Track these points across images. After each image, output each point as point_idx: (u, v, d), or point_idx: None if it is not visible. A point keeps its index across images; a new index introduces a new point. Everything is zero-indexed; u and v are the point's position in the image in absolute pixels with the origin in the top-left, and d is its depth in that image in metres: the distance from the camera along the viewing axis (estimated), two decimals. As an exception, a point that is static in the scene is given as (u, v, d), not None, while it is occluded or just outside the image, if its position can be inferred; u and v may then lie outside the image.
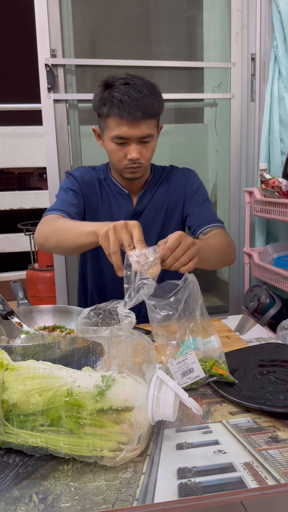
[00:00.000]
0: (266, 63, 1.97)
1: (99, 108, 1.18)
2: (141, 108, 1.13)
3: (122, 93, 1.13)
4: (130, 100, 1.12)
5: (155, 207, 1.36)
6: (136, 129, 1.16)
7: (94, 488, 0.57)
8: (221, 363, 0.84)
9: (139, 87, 1.15)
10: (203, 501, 0.55)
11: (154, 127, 1.21)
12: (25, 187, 7.85)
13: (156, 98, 1.18)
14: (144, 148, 1.20)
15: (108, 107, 1.15)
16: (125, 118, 1.13)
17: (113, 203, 1.33)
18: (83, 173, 1.35)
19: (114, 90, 1.15)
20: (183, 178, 1.38)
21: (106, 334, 0.75)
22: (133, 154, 1.18)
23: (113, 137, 1.18)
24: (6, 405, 0.62)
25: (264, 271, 1.83)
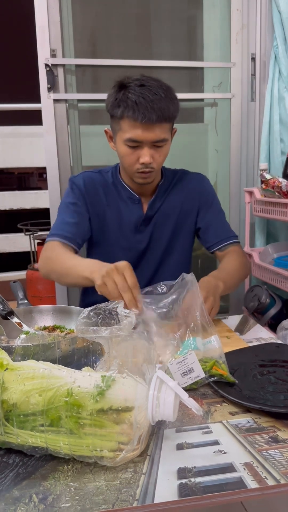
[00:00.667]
0: (266, 63, 1.97)
1: (113, 109, 1.15)
2: (156, 111, 1.10)
3: (138, 95, 1.10)
4: (145, 102, 1.09)
5: (166, 212, 1.33)
6: (150, 132, 1.12)
7: (94, 488, 0.57)
8: (221, 363, 0.84)
9: (155, 89, 1.12)
10: (203, 501, 0.55)
11: (168, 131, 1.18)
12: (25, 187, 7.84)
13: (172, 101, 1.15)
14: (157, 152, 1.17)
15: (122, 109, 1.12)
16: (140, 120, 1.10)
17: (123, 208, 1.30)
18: (86, 179, 1.30)
19: (129, 91, 1.12)
20: (197, 185, 1.36)
21: (106, 334, 0.75)
22: (146, 158, 1.15)
23: (126, 140, 1.15)
24: (6, 405, 0.62)
25: (264, 271, 1.83)
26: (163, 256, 1.35)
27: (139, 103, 1.09)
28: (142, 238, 1.32)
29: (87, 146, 1.96)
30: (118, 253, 1.31)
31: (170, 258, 1.36)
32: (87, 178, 1.31)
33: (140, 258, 1.34)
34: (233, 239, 1.35)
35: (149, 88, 1.11)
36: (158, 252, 1.34)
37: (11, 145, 6.18)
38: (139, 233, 1.32)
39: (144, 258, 1.34)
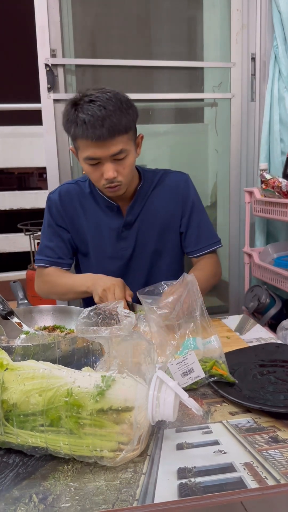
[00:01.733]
0: (266, 63, 1.97)
1: (67, 129, 1.14)
2: (106, 127, 1.06)
3: (86, 113, 1.07)
4: (93, 120, 1.06)
5: (149, 216, 1.30)
6: (105, 148, 1.09)
7: (94, 488, 0.57)
8: (221, 363, 0.84)
9: (104, 102, 1.07)
10: (203, 501, 0.55)
11: (127, 141, 1.13)
12: (25, 187, 7.84)
13: (124, 112, 1.10)
14: (120, 165, 1.14)
15: (74, 129, 1.10)
16: (91, 139, 1.07)
17: (102, 217, 1.29)
18: (62, 193, 1.30)
19: (78, 110, 1.09)
20: (179, 186, 1.32)
21: (106, 334, 0.75)
22: (109, 173, 1.12)
23: (85, 158, 1.13)
24: (6, 405, 0.62)
25: (264, 271, 1.83)
26: (153, 261, 1.34)
27: (88, 122, 1.06)
28: (127, 245, 1.31)
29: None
30: (105, 262, 1.32)
31: (160, 262, 1.34)
32: (64, 191, 1.31)
33: (129, 265, 1.33)
34: (213, 247, 1.34)
35: (98, 103, 1.07)
36: (146, 257, 1.33)
37: (11, 145, 6.17)
38: (123, 240, 1.30)
39: (133, 265, 1.33)
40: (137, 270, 1.33)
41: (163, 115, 2.08)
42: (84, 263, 1.37)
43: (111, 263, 1.31)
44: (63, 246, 1.31)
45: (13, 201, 6.36)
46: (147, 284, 1.32)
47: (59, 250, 1.31)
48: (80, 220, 1.30)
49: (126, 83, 1.99)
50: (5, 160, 6.32)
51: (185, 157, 2.14)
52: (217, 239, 1.36)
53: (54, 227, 1.30)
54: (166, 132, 2.07)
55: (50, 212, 1.31)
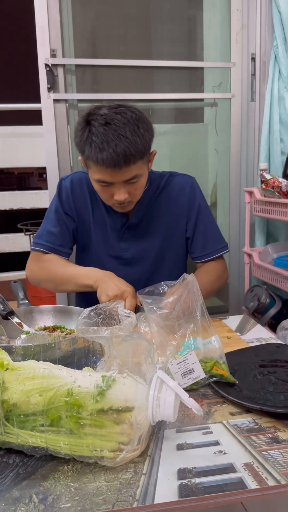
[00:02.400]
0: (266, 63, 1.97)
1: (79, 148, 1.09)
2: (122, 155, 1.01)
3: (101, 138, 1.01)
4: (108, 146, 1.01)
5: (153, 219, 1.28)
6: (119, 175, 1.06)
7: (94, 489, 0.57)
8: (222, 363, 0.83)
9: (120, 128, 1.02)
10: (203, 501, 0.55)
11: (142, 165, 1.10)
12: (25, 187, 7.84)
13: (141, 137, 1.05)
14: (133, 187, 1.11)
15: (88, 152, 1.05)
16: (105, 167, 1.03)
17: (106, 215, 1.27)
18: (74, 182, 1.27)
19: (92, 132, 1.03)
20: (184, 190, 1.30)
21: (106, 334, 0.75)
22: (120, 196, 1.09)
23: (96, 180, 1.10)
24: (6, 405, 0.62)
25: (264, 271, 1.83)
26: (155, 265, 1.32)
27: (103, 148, 1.01)
28: (128, 246, 1.29)
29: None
30: (105, 261, 1.30)
31: (163, 265, 1.32)
32: (76, 179, 1.28)
33: (130, 267, 1.30)
34: (219, 252, 1.31)
35: (114, 128, 1.02)
36: (148, 260, 1.31)
37: (11, 145, 6.17)
38: (124, 241, 1.28)
39: (134, 267, 1.30)
40: (138, 272, 1.31)
41: (163, 115, 2.08)
42: (83, 256, 1.34)
43: (111, 263, 1.30)
44: (67, 234, 1.27)
45: (13, 201, 6.36)
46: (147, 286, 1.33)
47: (62, 237, 1.26)
48: (87, 211, 1.27)
49: (126, 83, 1.98)
50: (5, 160, 6.32)
51: (185, 157, 2.13)
52: (224, 244, 1.33)
53: (61, 214, 1.26)
54: (166, 132, 2.07)
55: (60, 198, 1.27)
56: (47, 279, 1.24)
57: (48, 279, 1.24)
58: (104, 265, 1.28)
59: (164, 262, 1.33)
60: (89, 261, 1.31)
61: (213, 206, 2.22)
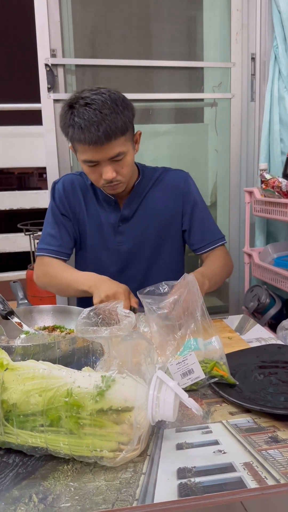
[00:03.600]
0: (266, 63, 1.97)
1: (64, 132, 1.15)
2: (102, 131, 1.07)
3: (82, 118, 1.08)
4: (89, 124, 1.06)
5: (148, 213, 1.31)
6: (103, 152, 1.10)
7: (94, 488, 0.57)
8: (222, 364, 0.83)
9: (99, 106, 1.08)
10: (203, 501, 0.55)
11: (125, 142, 1.14)
12: (25, 187, 7.84)
13: (120, 114, 1.10)
14: (119, 165, 1.15)
15: (71, 133, 1.11)
16: (88, 144, 1.09)
17: (100, 210, 1.30)
18: (65, 182, 1.31)
19: (74, 114, 1.10)
20: (179, 184, 1.33)
21: (106, 334, 0.75)
22: (108, 174, 1.13)
23: (83, 161, 1.15)
24: (6, 405, 0.62)
25: (264, 271, 1.83)
26: (152, 258, 1.34)
27: (84, 127, 1.07)
28: (123, 239, 1.31)
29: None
30: (102, 256, 1.32)
31: (160, 259, 1.34)
32: (67, 181, 1.32)
33: (127, 261, 1.33)
34: (219, 242, 1.34)
35: (93, 107, 1.08)
36: (145, 253, 1.33)
37: (11, 145, 6.17)
38: (119, 234, 1.31)
39: (132, 261, 1.33)
40: (135, 266, 1.33)
41: (163, 115, 2.08)
42: (80, 254, 1.37)
43: (107, 257, 1.32)
44: (65, 235, 1.30)
45: (13, 201, 6.36)
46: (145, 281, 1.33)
47: (60, 238, 1.29)
48: (81, 211, 1.31)
49: (126, 83, 1.98)
50: (5, 160, 6.32)
51: (185, 157, 2.13)
52: (222, 235, 1.37)
53: (58, 216, 1.30)
54: (166, 132, 2.07)
55: (55, 200, 1.31)
56: (50, 285, 1.28)
57: (50, 285, 1.28)
58: (101, 261, 1.30)
59: (161, 256, 1.35)
60: (86, 258, 1.34)
61: (213, 206, 2.22)
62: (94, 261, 1.32)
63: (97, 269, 1.20)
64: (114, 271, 1.30)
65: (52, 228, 1.30)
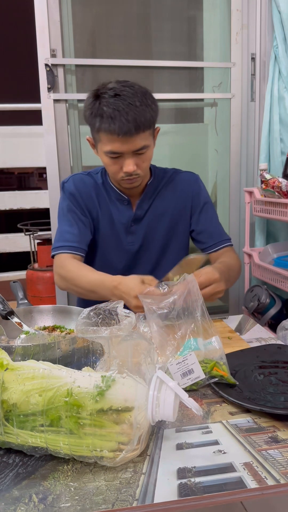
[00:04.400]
0: (266, 63, 1.97)
1: (90, 121, 1.14)
2: (132, 122, 1.07)
3: (112, 107, 1.07)
4: (120, 115, 1.07)
5: (158, 212, 1.32)
6: (129, 144, 1.11)
7: (94, 488, 0.57)
8: (222, 364, 0.83)
9: (130, 98, 1.08)
10: (203, 501, 0.55)
11: (149, 137, 1.15)
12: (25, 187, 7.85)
13: (148, 107, 1.11)
14: (140, 159, 1.16)
15: (99, 122, 1.10)
16: (117, 135, 1.08)
17: (113, 210, 1.30)
18: (77, 183, 1.30)
19: (103, 104, 1.09)
20: (190, 185, 1.35)
21: (106, 334, 0.75)
22: (129, 167, 1.14)
23: (106, 152, 1.14)
24: (6, 405, 0.62)
25: (264, 271, 1.83)
26: (159, 257, 1.35)
27: (114, 117, 1.07)
28: (134, 239, 1.32)
29: (87, 146, 1.95)
30: (112, 255, 1.32)
31: (165, 258, 1.35)
32: (78, 180, 1.30)
33: (135, 259, 1.34)
34: (226, 242, 1.35)
35: (124, 98, 1.08)
36: (153, 252, 1.34)
37: (11, 145, 6.18)
38: (131, 234, 1.32)
39: (139, 259, 1.34)
40: (142, 265, 1.34)
41: (163, 115, 2.08)
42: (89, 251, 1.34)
43: (118, 257, 1.32)
44: (84, 230, 1.27)
45: (13, 201, 6.37)
46: None
47: (79, 234, 1.27)
48: (95, 209, 1.30)
49: (126, 83, 1.99)
50: (5, 160, 6.33)
51: (185, 157, 2.14)
52: (228, 237, 1.38)
53: (74, 212, 1.27)
54: (166, 132, 2.07)
55: (69, 198, 1.29)
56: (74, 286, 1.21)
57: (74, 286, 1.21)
58: (110, 259, 1.31)
59: (167, 255, 1.36)
60: (94, 256, 1.33)
61: (213, 206, 2.22)
62: (102, 258, 1.31)
63: (105, 266, 1.20)
64: (120, 269, 1.30)
65: (69, 226, 1.27)
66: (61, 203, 1.31)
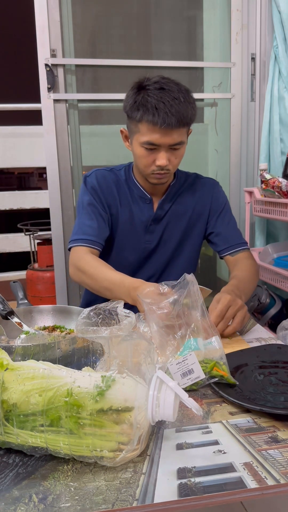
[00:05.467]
0: (266, 63, 1.97)
1: (132, 111, 1.15)
2: (175, 115, 1.10)
3: (157, 99, 1.10)
4: (164, 106, 1.09)
5: (177, 214, 1.33)
6: (168, 137, 1.13)
7: (94, 488, 0.57)
8: (222, 364, 0.83)
9: (175, 93, 1.11)
10: (203, 501, 0.55)
11: (185, 134, 1.18)
12: (25, 187, 7.86)
13: (190, 105, 1.14)
14: (173, 155, 1.18)
15: (142, 112, 1.12)
16: (159, 125, 1.10)
17: (134, 207, 1.30)
18: (99, 177, 1.30)
19: (148, 95, 1.11)
20: (210, 190, 1.36)
21: (106, 334, 0.75)
22: (163, 160, 1.15)
23: (143, 143, 1.15)
24: (6, 405, 0.62)
25: (264, 271, 1.83)
26: (172, 257, 1.36)
27: (159, 108, 1.09)
28: (152, 238, 1.33)
29: (87, 146, 1.96)
30: (127, 252, 1.32)
31: (178, 259, 1.37)
32: (100, 176, 1.31)
33: (148, 258, 1.35)
34: (243, 246, 1.35)
35: (169, 92, 1.11)
36: (167, 252, 1.35)
37: (11, 145, 6.18)
38: (149, 233, 1.32)
39: (152, 258, 1.35)
40: (154, 264, 1.35)
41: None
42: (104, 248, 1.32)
43: (131, 254, 1.32)
44: (103, 225, 1.27)
45: (13, 201, 6.37)
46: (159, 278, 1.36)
47: (98, 228, 1.26)
48: (115, 206, 1.30)
49: (126, 83, 1.98)
50: (5, 160, 6.33)
51: (185, 157, 2.12)
52: (245, 241, 1.37)
53: (95, 206, 1.27)
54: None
55: (90, 192, 1.28)
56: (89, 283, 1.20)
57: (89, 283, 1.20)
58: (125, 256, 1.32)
59: (180, 256, 1.37)
60: (110, 251, 1.33)
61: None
62: (118, 254, 1.31)
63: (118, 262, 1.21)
64: (134, 266, 1.32)
65: (89, 219, 1.26)
66: (81, 196, 1.31)
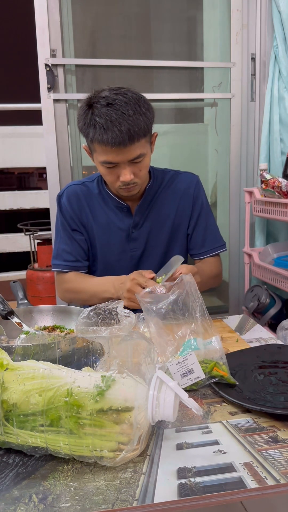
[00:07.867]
0: (266, 63, 1.97)
1: (83, 132, 1.12)
2: (126, 133, 1.04)
3: (105, 118, 1.04)
4: (113, 125, 1.03)
5: (159, 217, 1.30)
6: (124, 154, 1.08)
7: (94, 488, 0.57)
8: (222, 364, 0.83)
9: (123, 107, 1.05)
10: (203, 501, 0.55)
11: (145, 144, 1.12)
12: (25, 187, 7.86)
13: (142, 115, 1.08)
14: (137, 167, 1.13)
15: (92, 134, 1.07)
16: (110, 146, 1.06)
17: (112, 217, 1.28)
18: (70, 197, 1.28)
19: (95, 114, 1.06)
20: (190, 187, 1.32)
21: (106, 334, 0.75)
22: (126, 177, 1.11)
23: (102, 162, 1.12)
24: (6, 405, 0.62)
25: (264, 271, 1.83)
26: (162, 260, 1.33)
27: (107, 128, 1.04)
28: (137, 245, 1.31)
29: (87, 146, 1.96)
30: (115, 262, 1.32)
31: None
32: (71, 193, 1.29)
33: (137, 266, 1.33)
34: (215, 251, 1.35)
35: (116, 108, 1.05)
36: (155, 257, 1.33)
37: (11, 145, 6.18)
38: (133, 240, 1.30)
39: (141, 265, 1.33)
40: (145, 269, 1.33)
41: (163, 115, 2.08)
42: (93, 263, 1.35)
43: (119, 264, 1.31)
44: (79, 248, 1.29)
45: (13, 201, 6.37)
46: None
47: (75, 252, 1.29)
48: (88, 222, 1.29)
49: (126, 83, 1.98)
50: (5, 160, 6.33)
51: (185, 157, 2.14)
52: (222, 243, 1.37)
53: (68, 230, 1.29)
54: (166, 132, 2.07)
55: (63, 215, 1.29)
56: (74, 299, 1.30)
57: (75, 299, 1.29)
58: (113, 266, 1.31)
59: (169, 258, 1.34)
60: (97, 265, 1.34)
61: (213, 206, 2.22)
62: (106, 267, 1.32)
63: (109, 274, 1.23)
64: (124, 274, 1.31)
65: (66, 244, 1.29)
66: (57, 217, 1.32)
